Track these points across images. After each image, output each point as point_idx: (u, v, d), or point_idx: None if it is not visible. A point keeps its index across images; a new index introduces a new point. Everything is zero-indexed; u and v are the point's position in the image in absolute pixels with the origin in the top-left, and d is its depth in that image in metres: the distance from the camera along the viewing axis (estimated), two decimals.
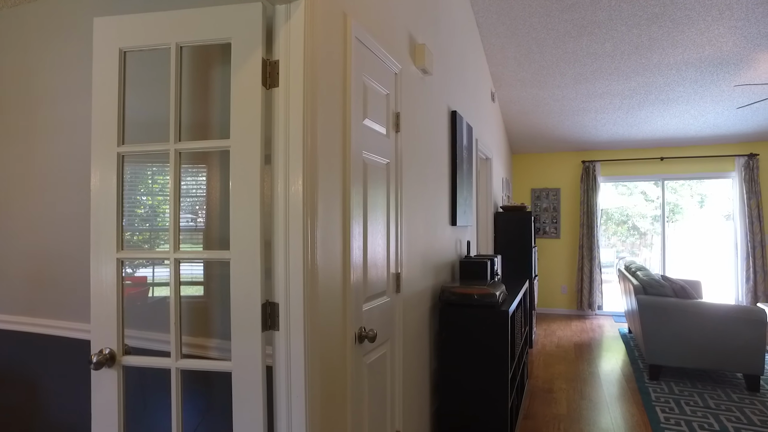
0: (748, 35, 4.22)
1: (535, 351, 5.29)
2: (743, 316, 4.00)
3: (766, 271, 6.62)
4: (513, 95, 5.67)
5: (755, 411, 3.61)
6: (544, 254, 7.52)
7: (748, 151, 6.77)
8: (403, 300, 2.38)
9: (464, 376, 2.80)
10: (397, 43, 2.36)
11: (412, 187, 2.57)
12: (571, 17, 4.10)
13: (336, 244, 1.70)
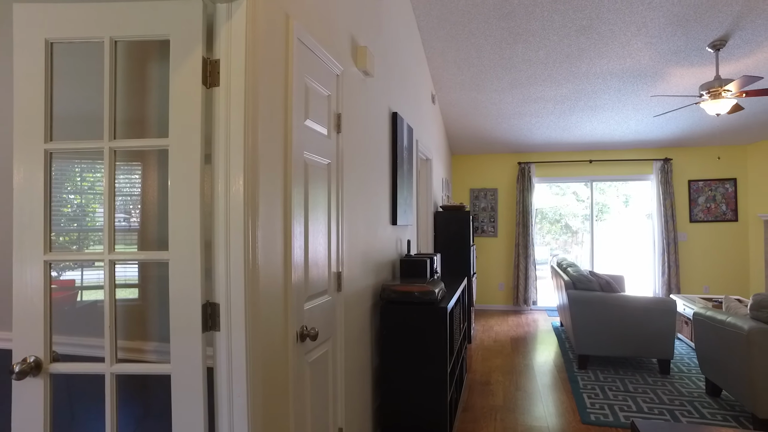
0: (661, 51, 4.58)
1: (474, 346, 5.48)
2: (657, 306, 4.35)
3: (679, 265, 7.20)
4: (453, 98, 5.84)
5: (665, 391, 3.96)
6: (483, 252, 7.79)
7: (664, 155, 7.33)
8: (344, 298, 2.41)
9: (405, 372, 2.87)
10: (338, 45, 2.39)
11: (354, 187, 2.61)
12: (508, 25, 4.28)
13: (277, 243, 1.71)
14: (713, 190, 7.19)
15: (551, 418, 3.48)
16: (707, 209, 7.20)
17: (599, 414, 3.51)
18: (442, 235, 5.44)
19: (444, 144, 6.79)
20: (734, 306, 3.72)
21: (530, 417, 3.51)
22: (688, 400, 3.77)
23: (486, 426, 3.36)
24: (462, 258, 5.40)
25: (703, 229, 7.22)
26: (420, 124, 4.65)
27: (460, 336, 3.74)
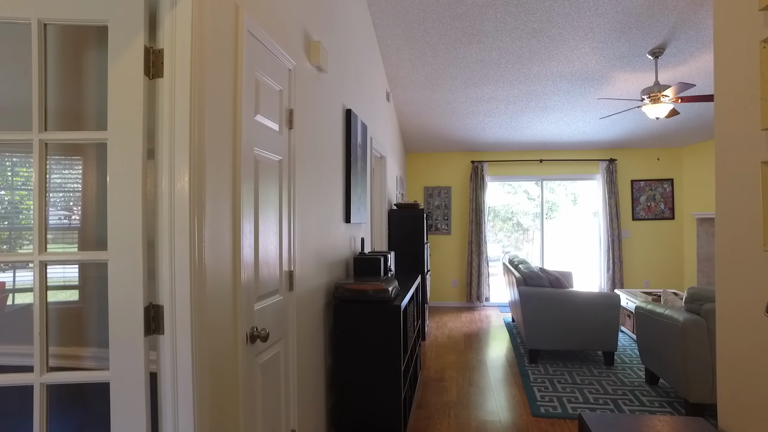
0: (606, 56, 4.76)
1: (428, 343, 5.53)
2: (602, 301, 4.53)
3: (623, 261, 7.54)
4: (407, 96, 5.86)
5: (609, 382, 4.13)
6: (437, 250, 7.87)
7: (609, 156, 7.64)
8: (296, 298, 2.36)
9: (359, 371, 2.85)
10: (291, 39, 2.33)
11: (306, 184, 2.56)
12: (462, 25, 4.33)
13: (225, 242, 1.65)
14: (653, 189, 7.57)
15: (503, 412, 3.55)
16: (648, 208, 7.57)
17: (548, 406, 3.62)
18: (397, 233, 5.46)
19: (398, 142, 6.81)
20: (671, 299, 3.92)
21: (483, 412, 3.57)
22: (629, 389, 3.94)
23: (440, 422, 3.39)
24: (416, 255, 5.43)
25: (644, 226, 7.59)
26: (374, 122, 4.64)
27: (413, 333, 3.76)
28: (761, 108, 1.24)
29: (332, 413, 3.04)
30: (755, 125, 1.32)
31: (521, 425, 3.34)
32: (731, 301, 1.45)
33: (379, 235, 5.09)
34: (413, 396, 3.73)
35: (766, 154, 1.27)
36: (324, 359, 2.90)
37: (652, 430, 1.45)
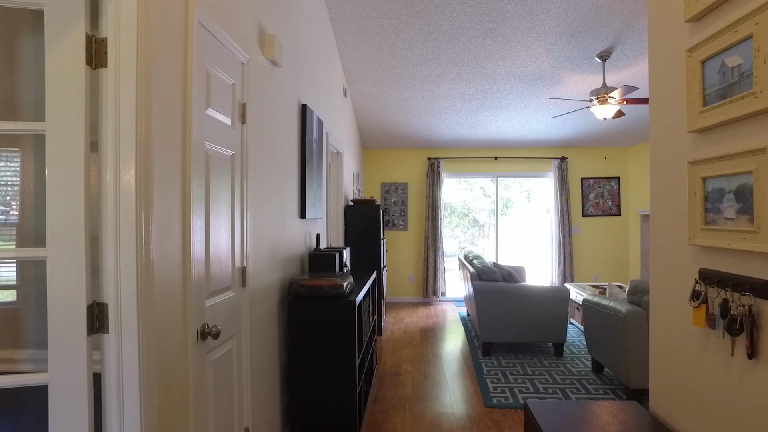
0: (558, 57, 4.92)
1: (384, 338, 5.57)
2: (553, 294, 4.69)
3: (573, 256, 7.83)
4: (365, 92, 5.86)
5: (559, 372, 4.29)
6: (393, 245, 7.93)
7: (561, 154, 7.91)
8: (249, 294, 2.33)
9: (314, 367, 2.85)
10: (244, 33, 2.30)
11: (260, 179, 2.53)
12: (419, 23, 4.36)
13: (175, 238, 1.61)
14: (601, 187, 7.89)
15: (457, 404, 3.63)
16: (596, 204, 7.88)
17: (501, 397, 3.72)
18: (353, 229, 5.46)
19: (356, 138, 6.81)
20: (615, 292, 4.10)
21: (438, 404, 3.64)
22: (576, 378, 4.11)
23: (395, 416, 3.43)
24: (372, 251, 5.45)
25: (593, 222, 7.90)
26: (331, 117, 4.62)
27: (369, 329, 3.78)
28: (687, 112, 1.32)
29: (288, 409, 3.03)
30: (683, 128, 1.40)
31: (474, 416, 3.43)
32: (662, 291, 1.55)
33: (336, 231, 5.08)
34: (369, 390, 3.75)
35: (691, 155, 1.36)
36: (279, 355, 2.87)
37: (590, 414, 1.53)
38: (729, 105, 1.17)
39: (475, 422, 3.33)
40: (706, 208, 1.27)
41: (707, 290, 1.29)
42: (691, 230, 1.33)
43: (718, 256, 1.26)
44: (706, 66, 1.26)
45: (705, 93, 1.27)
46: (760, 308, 1.11)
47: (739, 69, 1.14)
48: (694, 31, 1.34)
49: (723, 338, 1.24)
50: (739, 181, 1.14)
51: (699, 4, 1.27)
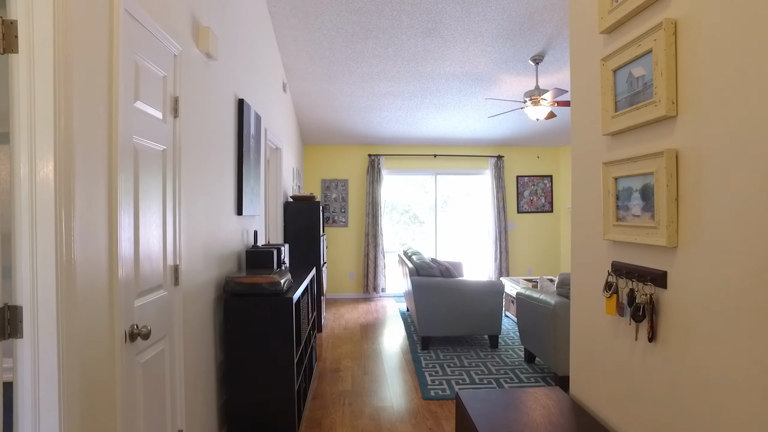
0: (494, 59, 5.09)
1: (325, 334, 5.56)
2: (488, 288, 4.87)
3: (509, 251, 8.14)
4: (305, 87, 5.81)
5: (494, 363, 4.47)
6: (334, 242, 7.92)
7: (497, 153, 8.19)
8: (183, 293, 2.27)
9: (252, 365, 2.81)
10: (177, 23, 2.22)
11: (194, 175, 2.46)
12: (359, 20, 4.38)
13: (100, 236, 1.55)
14: (535, 184, 8.25)
15: (396, 398, 3.70)
16: (531, 201, 8.24)
17: (438, 389, 3.83)
18: (293, 226, 5.41)
19: (296, 133, 6.73)
20: (546, 285, 4.32)
21: (377, 398, 3.69)
22: (510, 368, 4.30)
23: (335, 411, 3.45)
24: (312, 248, 5.43)
25: (528, 219, 8.25)
26: (270, 113, 4.55)
27: (308, 326, 3.77)
28: (602, 117, 1.43)
29: (224, 409, 2.97)
30: (599, 131, 1.51)
31: (412, 409, 3.50)
32: (581, 283, 1.66)
33: (275, 228, 5.02)
34: (309, 387, 3.75)
35: (605, 156, 1.47)
36: (215, 354, 2.81)
37: (516, 400, 1.62)
38: (635, 111, 1.27)
39: (413, 414, 3.41)
40: (617, 205, 1.38)
41: (618, 281, 1.40)
42: (605, 226, 1.44)
43: (627, 250, 1.37)
44: (617, 75, 1.37)
45: (617, 99, 1.37)
46: (660, 296, 1.22)
47: (642, 79, 1.24)
48: (608, 42, 1.45)
49: (629, 325, 1.35)
50: (644, 181, 1.25)
51: (611, 17, 1.37)
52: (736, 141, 0.99)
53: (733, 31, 0.99)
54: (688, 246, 1.13)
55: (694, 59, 1.10)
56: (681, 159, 1.14)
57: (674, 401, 1.17)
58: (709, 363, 1.06)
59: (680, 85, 1.14)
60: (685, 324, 1.14)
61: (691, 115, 1.11)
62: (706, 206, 1.07)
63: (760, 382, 0.94)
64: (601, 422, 1.52)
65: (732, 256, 1.00)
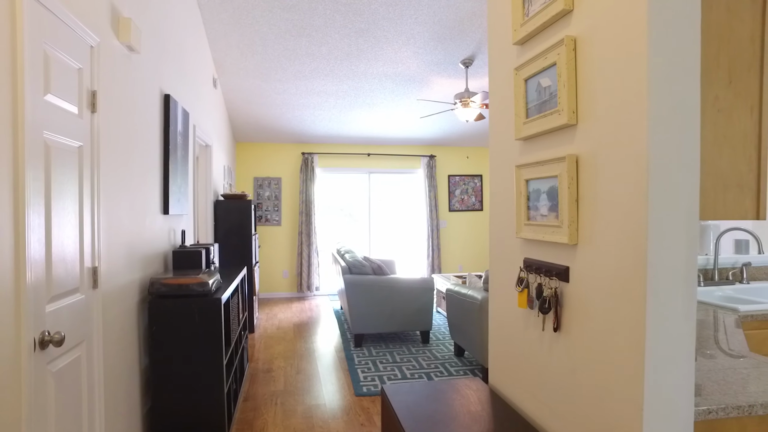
0: (426, 61, 5.23)
1: (257, 335, 5.48)
2: (420, 285, 5.00)
3: (441, 248, 8.37)
4: (236, 84, 5.68)
5: (425, 358, 4.60)
6: (267, 241, 7.80)
7: (429, 152, 8.39)
8: (102, 296, 2.17)
9: (179, 369, 2.73)
10: (94, 13, 2.12)
11: (115, 173, 2.36)
12: (292, 17, 4.34)
13: (4, 237, 1.46)
14: (466, 184, 8.53)
15: (329, 395, 3.72)
16: (462, 200, 8.51)
17: (370, 385, 3.89)
18: (223, 225, 5.29)
19: (227, 131, 6.56)
20: (474, 281, 4.49)
21: (310, 397, 3.69)
22: (441, 362, 4.44)
23: (266, 412, 3.42)
24: (244, 247, 5.33)
25: (459, 217, 8.52)
26: (199, 109, 4.42)
27: (239, 326, 3.71)
28: (515, 122, 1.53)
29: (150, 416, 2.86)
30: (512, 136, 1.62)
31: (345, 406, 3.54)
32: (498, 279, 1.77)
33: (204, 227, 4.88)
34: (240, 389, 3.68)
35: (518, 160, 1.58)
36: (139, 359, 2.71)
37: (438, 392, 1.70)
38: (543, 119, 1.38)
39: (346, 411, 3.45)
40: (528, 206, 1.49)
41: (528, 276, 1.51)
42: (518, 225, 1.54)
43: (536, 247, 1.48)
44: (528, 83, 1.47)
45: (528, 107, 1.48)
46: (563, 290, 1.33)
47: (549, 89, 1.35)
48: (521, 53, 1.55)
49: (538, 316, 1.46)
50: (550, 183, 1.36)
51: (522, 30, 1.47)
52: (617, 148, 1.11)
53: (613, 49, 1.10)
54: (585, 243, 1.24)
55: (590, 73, 1.21)
56: (580, 164, 1.25)
57: (574, 383, 1.29)
58: (599, 346, 1.18)
59: (580, 96, 1.25)
60: (583, 314, 1.25)
61: (588, 123, 1.22)
62: (599, 207, 1.18)
63: (632, 362, 1.05)
64: (516, 409, 1.63)
65: (616, 251, 1.12)
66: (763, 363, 1.55)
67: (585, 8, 1.22)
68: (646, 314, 1.05)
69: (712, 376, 1.42)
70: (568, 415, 1.32)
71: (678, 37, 1.04)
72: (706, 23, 1.19)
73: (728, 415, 1.21)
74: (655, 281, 1.05)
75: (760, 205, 1.25)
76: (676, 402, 1.07)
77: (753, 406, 1.22)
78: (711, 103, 1.23)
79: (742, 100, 1.23)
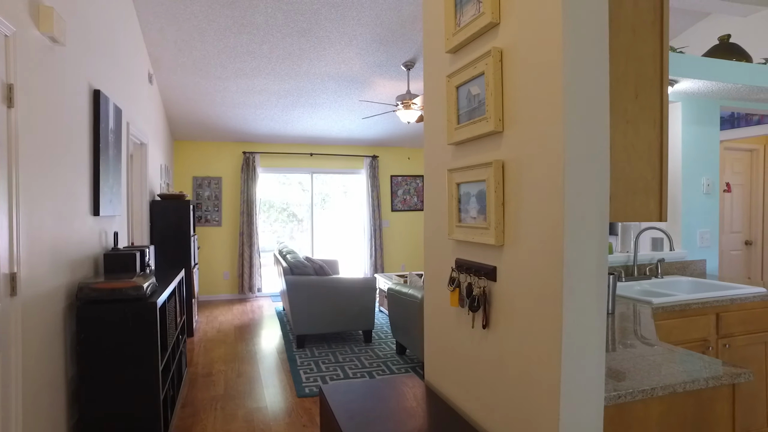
0: (368, 62, 5.27)
1: (196, 338, 5.33)
2: (362, 285, 5.04)
3: (383, 247, 8.45)
4: (174, 80, 5.49)
5: (367, 357, 4.64)
6: (207, 242, 7.59)
7: (372, 153, 8.46)
8: (22, 303, 2.05)
9: (111, 378, 2.62)
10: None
11: (38, 172, 2.24)
12: (232, 14, 4.26)
13: None
14: (408, 184, 8.66)
15: (270, 398, 3.68)
16: (404, 200, 8.64)
17: (313, 386, 3.88)
18: (160, 226, 5.10)
19: (164, 128, 6.33)
20: (414, 280, 4.59)
21: (251, 400, 3.64)
22: (383, 361, 4.50)
23: (206, 417, 3.35)
24: (182, 249, 5.17)
25: (401, 216, 8.64)
26: (133, 105, 4.24)
27: (176, 331, 3.60)
28: (447, 128, 1.60)
29: (77, 429, 2.73)
30: (445, 140, 1.68)
31: (287, 407, 3.52)
32: (432, 278, 1.83)
33: (140, 229, 4.69)
34: (177, 395, 3.58)
35: (450, 164, 1.65)
36: (65, 370, 2.58)
37: (375, 389, 1.74)
38: (473, 125, 1.45)
39: (288, 413, 3.43)
40: (459, 208, 1.55)
41: (460, 276, 1.58)
42: (450, 226, 1.61)
43: (467, 248, 1.55)
44: (459, 91, 1.54)
45: (459, 113, 1.54)
46: (491, 289, 1.41)
47: (478, 97, 1.42)
48: (453, 60, 1.62)
49: (468, 314, 1.53)
50: (479, 187, 1.43)
51: (454, 39, 1.54)
52: (538, 155, 1.19)
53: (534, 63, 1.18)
54: (511, 244, 1.32)
55: (515, 83, 1.29)
56: (506, 169, 1.33)
57: (501, 376, 1.37)
58: (523, 341, 1.26)
59: (506, 105, 1.33)
60: (509, 311, 1.33)
61: (513, 131, 1.30)
62: (523, 210, 1.26)
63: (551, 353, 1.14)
64: (449, 403, 1.70)
65: (537, 251, 1.20)
66: (669, 350, 1.70)
67: (510, 23, 1.30)
68: (562, 309, 1.13)
69: (625, 365, 1.55)
70: (496, 405, 1.39)
71: (589, 55, 1.13)
72: (615, 43, 1.30)
73: (635, 398, 1.33)
74: (570, 278, 1.13)
75: (662, 207, 1.37)
76: (588, 388, 1.17)
77: (654, 389, 1.34)
78: (621, 114, 1.34)
79: (646, 113, 1.35)
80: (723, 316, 2.59)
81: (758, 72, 3.15)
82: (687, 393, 1.42)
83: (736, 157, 5.41)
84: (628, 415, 1.35)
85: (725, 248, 5.35)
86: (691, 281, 3.10)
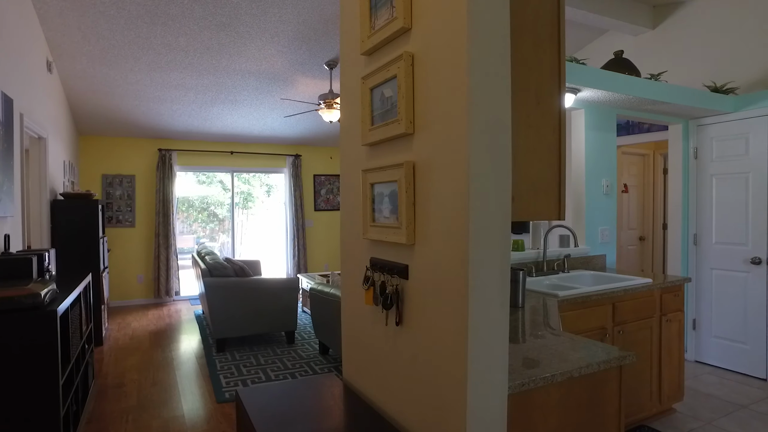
0: (291, 60, 5.20)
1: (106, 348, 5.00)
2: (284, 286, 4.97)
3: (306, 247, 8.38)
4: (79, 70, 5.10)
5: (290, 358, 4.60)
6: (118, 244, 7.13)
7: (295, 152, 8.35)
8: None
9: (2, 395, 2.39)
10: None
11: None
12: (144, 2, 4.03)
13: None
14: (332, 183, 8.64)
15: (188, 405, 3.54)
16: (327, 200, 8.61)
17: (233, 390, 3.78)
18: (64, 227, 4.73)
19: (68, 122, 5.86)
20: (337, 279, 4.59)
21: (167, 410, 3.48)
22: (306, 361, 4.46)
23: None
24: (90, 252, 4.82)
25: (325, 216, 8.60)
26: (28, 95, 3.89)
27: (81, 340, 3.36)
28: (361, 129, 1.62)
29: None
30: (360, 141, 1.71)
31: (206, 414, 3.40)
32: (348, 277, 1.85)
33: (38, 231, 4.31)
34: (82, 410, 3.34)
35: (364, 164, 1.67)
36: None
37: (292, 390, 1.73)
38: (385, 127, 1.48)
39: (207, 420, 3.32)
40: (373, 208, 1.58)
41: (374, 275, 1.61)
42: (364, 226, 1.63)
43: (381, 247, 1.59)
44: (373, 93, 1.57)
45: (373, 114, 1.57)
46: (404, 286, 1.45)
47: (391, 99, 1.46)
48: (368, 63, 1.65)
49: (382, 312, 1.57)
50: (391, 187, 1.47)
51: (369, 42, 1.57)
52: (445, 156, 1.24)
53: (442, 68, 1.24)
54: (421, 243, 1.37)
55: (425, 87, 1.34)
56: (417, 170, 1.38)
57: (414, 371, 1.41)
58: (434, 336, 1.31)
59: (417, 108, 1.37)
60: (421, 307, 1.38)
61: (423, 133, 1.35)
62: (432, 210, 1.31)
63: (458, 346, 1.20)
64: (367, 400, 1.73)
65: (445, 249, 1.26)
66: (571, 339, 1.84)
67: (421, 28, 1.35)
68: (468, 304, 1.19)
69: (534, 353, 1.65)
70: (410, 399, 1.44)
71: (492, 62, 1.20)
72: (518, 54, 1.38)
73: (537, 385, 1.42)
74: (474, 275, 1.19)
75: (561, 207, 1.48)
76: (493, 378, 1.24)
77: (554, 375, 1.45)
78: (524, 119, 1.44)
79: (547, 118, 1.45)
80: (618, 305, 2.84)
81: (645, 86, 3.47)
82: (582, 377, 1.54)
83: (631, 161, 5.93)
84: (531, 401, 1.45)
85: (623, 243, 5.85)
86: (593, 275, 3.36)
